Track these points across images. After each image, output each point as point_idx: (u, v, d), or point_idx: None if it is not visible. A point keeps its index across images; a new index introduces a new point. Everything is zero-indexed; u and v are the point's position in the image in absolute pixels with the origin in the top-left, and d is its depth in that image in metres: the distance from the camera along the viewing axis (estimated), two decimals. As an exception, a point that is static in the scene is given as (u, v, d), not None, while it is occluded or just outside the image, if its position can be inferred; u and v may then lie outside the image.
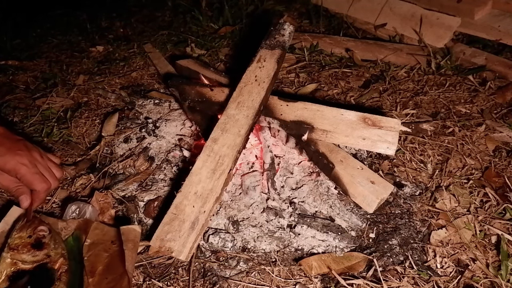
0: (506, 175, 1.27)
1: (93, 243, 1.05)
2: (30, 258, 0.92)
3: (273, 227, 1.17)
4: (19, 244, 0.94)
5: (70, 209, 1.16)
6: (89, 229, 1.09)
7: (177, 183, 1.27)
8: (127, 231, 1.06)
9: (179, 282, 1.04)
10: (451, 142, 1.44)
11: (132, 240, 1.05)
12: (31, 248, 0.93)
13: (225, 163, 1.12)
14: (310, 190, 1.27)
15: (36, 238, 0.96)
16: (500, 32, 1.96)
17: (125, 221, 1.21)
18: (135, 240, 1.05)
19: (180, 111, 1.67)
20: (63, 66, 2.22)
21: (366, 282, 1.00)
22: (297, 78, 1.93)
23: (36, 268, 0.91)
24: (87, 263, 1.00)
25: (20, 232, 0.97)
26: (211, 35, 2.46)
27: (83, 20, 2.88)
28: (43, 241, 0.96)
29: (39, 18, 2.95)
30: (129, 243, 1.03)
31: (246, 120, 1.22)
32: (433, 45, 2.02)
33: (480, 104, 1.64)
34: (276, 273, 1.04)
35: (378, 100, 1.72)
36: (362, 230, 1.17)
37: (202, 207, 1.04)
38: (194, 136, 1.52)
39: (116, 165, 1.44)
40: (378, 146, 1.23)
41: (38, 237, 0.96)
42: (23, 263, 0.91)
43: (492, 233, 1.11)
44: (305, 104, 1.33)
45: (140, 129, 1.60)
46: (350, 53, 2.03)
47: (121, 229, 1.06)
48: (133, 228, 1.08)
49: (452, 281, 1.00)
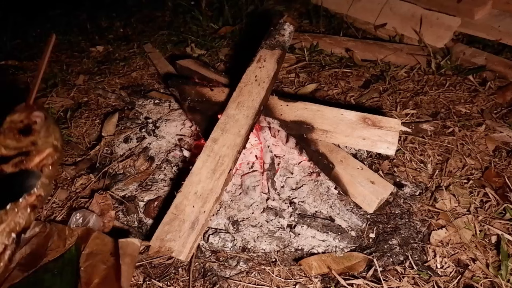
0: (506, 175, 1.27)
1: (92, 252, 1.04)
2: (13, 143, 0.78)
3: (273, 227, 1.17)
4: (7, 127, 0.81)
5: (74, 217, 1.17)
6: (90, 238, 1.07)
7: (177, 183, 1.27)
8: (126, 245, 1.04)
9: (179, 282, 1.04)
10: (451, 142, 1.44)
11: (130, 254, 1.02)
12: (17, 133, 0.80)
13: (225, 163, 1.12)
14: (310, 190, 1.27)
15: (27, 124, 0.83)
16: (500, 32, 1.96)
17: (124, 234, 1.20)
18: (133, 254, 1.03)
19: (180, 111, 1.67)
20: (63, 66, 2.22)
21: (366, 282, 1.00)
22: (297, 78, 1.93)
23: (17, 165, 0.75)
24: (84, 273, 0.98)
25: (13, 115, 0.85)
26: (211, 35, 2.46)
27: (83, 20, 2.88)
28: (33, 127, 0.82)
29: (39, 18, 2.95)
30: (127, 258, 1.01)
31: (246, 120, 1.22)
32: (433, 45, 2.02)
33: (480, 104, 1.64)
34: (276, 273, 1.04)
35: (378, 100, 1.72)
36: (362, 230, 1.17)
37: (202, 207, 1.03)
38: (194, 136, 1.52)
39: (116, 165, 1.44)
40: (378, 146, 1.23)
41: (30, 123, 0.83)
42: (5, 148, 0.77)
43: (492, 233, 1.11)
44: (305, 104, 1.32)
45: (140, 129, 1.60)
46: (350, 53, 2.03)
47: (119, 242, 1.04)
48: (132, 242, 1.05)
49: (452, 281, 1.00)
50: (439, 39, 2.03)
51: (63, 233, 1.08)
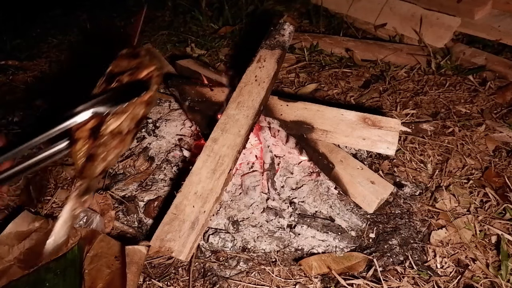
0: (506, 175, 1.27)
1: (96, 255, 1.03)
2: (125, 64, 0.90)
3: (273, 227, 1.17)
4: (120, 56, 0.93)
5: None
6: (95, 240, 1.06)
7: (177, 183, 1.27)
8: (132, 252, 1.03)
9: (179, 282, 1.04)
10: (451, 142, 1.44)
11: (136, 262, 1.02)
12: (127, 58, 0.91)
13: (225, 163, 1.12)
14: (310, 190, 1.27)
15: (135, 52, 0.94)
16: (500, 32, 1.96)
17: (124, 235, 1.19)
18: (139, 262, 1.02)
19: (180, 111, 1.67)
20: (63, 66, 2.21)
21: (366, 282, 1.00)
22: (297, 78, 1.93)
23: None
24: (88, 277, 0.98)
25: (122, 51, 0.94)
26: (211, 35, 2.45)
27: (83, 20, 2.87)
28: (139, 53, 0.93)
29: (39, 18, 2.95)
30: (133, 266, 1.00)
31: (246, 120, 1.22)
32: (433, 45, 2.02)
33: (480, 104, 1.64)
34: (276, 273, 1.04)
35: (378, 100, 1.72)
36: (362, 230, 1.17)
37: (202, 207, 1.03)
38: (194, 136, 1.52)
39: (116, 165, 1.44)
40: (378, 146, 1.23)
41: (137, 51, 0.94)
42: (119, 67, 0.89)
43: (492, 233, 1.11)
44: (305, 104, 1.33)
45: (140, 129, 1.60)
46: (350, 53, 2.03)
47: (126, 249, 1.03)
48: (139, 249, 1.04)
49: (452, 281, 1.00)
50: (439, 39, 2.03)
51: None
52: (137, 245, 1.06)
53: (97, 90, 0.80)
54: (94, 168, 0.76)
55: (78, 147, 0.74)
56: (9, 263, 1.04)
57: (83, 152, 0.75)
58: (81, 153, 0.75)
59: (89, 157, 0.75)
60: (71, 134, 0.72)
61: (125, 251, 1.02)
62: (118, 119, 0.76)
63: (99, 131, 0.74)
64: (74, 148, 0.74)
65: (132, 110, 0.79)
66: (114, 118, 0.75)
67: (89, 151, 0.75)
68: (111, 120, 0.75)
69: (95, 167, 0.77)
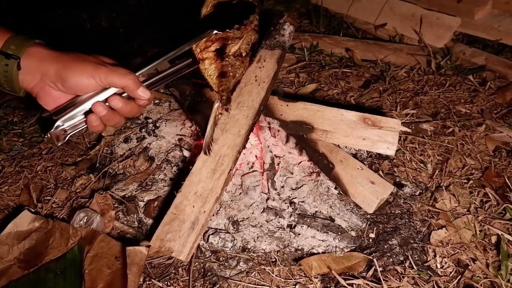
0: (506, 175, 1.27)
1: (97, 255, 1.03)
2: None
3: (273, 227, 1.17)
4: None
5: (78, 217, 1.16)
6: (95, 240, 1.06)
7: (177, 183, 1.28)
8: (133, 253, 1.02)
9: (179, 282, 1.04)
10: (451, 142, 1.44)
11: (137, 263, 1.01)
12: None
13: (225, 163, 1.12)
14: (310, 190, 1.27)
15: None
16: (500, 32, 1.96)
17: (124, 235, 1.19)
18: (140, 263, 1.02)
19: (180, 111, 1.67)
20: (63, 66, 2.21)
21: (366, 282, 1.00)
22: (297, 78, 1.93)
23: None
24: (88, 277, 0.97)
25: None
26: (211, 35, 2.45)
27: (83, 20, 2.87)
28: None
29: (39, 18, 2.94)
30: (134, 267, 1.00)
31: (246, 120, 1.22)
32: (433, 45, 2.02)
33: (480, 104, 1.64)
34: (276, 273, 1.04)
35: (378, 100, 1.72)
36: (362, 230, 1.17)
37: (202, 207, 1.03)
38: (194, 136, 1.52)
39: (116, 165, 1.44)
40: (378, 146, 1.23)
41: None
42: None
43: (492, 233, 1.11)
44: (305, 104, 1.32)
45: (140, 129, 1.60)
46: (350, 53, 2.03)
47: (127, 250, 1.03)
48: (140, 250, 1.04)
49: (452, 281, 1.00)
50: (439, 39, 2.03)
51: (66, 232, 1.08)
52: (138, 246, 1.05)
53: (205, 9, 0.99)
54: (228, 82, 0.94)
55: (206, 65, 0.93)
56: (9, 263, 1.04)
57: (211, 70, 0.94)
58: (210, 70, 0.94)
59: (221, 73, 0.93)
60: (193, 53, 0.93)
61: (126, 252, 1.02)
62: (237, 43, 0.93)
63: (225, 52, 0.91)
64: (203, 66, 0.94)
65: (246, 36, 0.95)
66: (234, 42, 0.92)
67: (219, 69, 0.93)
68: (232, 44, 0.92)
69: (229, 81, 0.95)
